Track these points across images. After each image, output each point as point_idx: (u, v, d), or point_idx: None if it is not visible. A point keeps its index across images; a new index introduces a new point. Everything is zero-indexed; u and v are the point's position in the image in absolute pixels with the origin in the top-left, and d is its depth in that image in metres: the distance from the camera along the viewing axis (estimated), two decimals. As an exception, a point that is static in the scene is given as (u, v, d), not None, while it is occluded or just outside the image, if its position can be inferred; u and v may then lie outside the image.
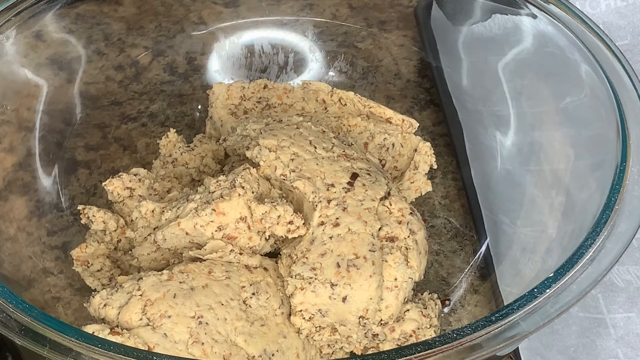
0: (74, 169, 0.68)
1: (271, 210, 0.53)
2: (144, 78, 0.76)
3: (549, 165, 0.62)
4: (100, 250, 0.59)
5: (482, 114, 0.70)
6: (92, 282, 0.59)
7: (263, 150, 0.56)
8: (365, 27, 0.79)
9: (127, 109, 0.74)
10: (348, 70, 0.77)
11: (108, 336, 0.46)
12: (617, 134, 0.53)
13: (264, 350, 0.49)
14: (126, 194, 0.60)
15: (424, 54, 0.78)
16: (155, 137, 0.71)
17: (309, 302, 0.51)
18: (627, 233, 0.47)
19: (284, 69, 0.77)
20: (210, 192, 0.54)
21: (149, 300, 0.48)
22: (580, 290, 0.45)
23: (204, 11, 0.80)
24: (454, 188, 0.69)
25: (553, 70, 0.64)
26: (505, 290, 0.57)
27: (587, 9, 0.75)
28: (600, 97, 0.56)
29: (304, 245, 0.53)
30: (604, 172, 0.52)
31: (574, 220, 0.54)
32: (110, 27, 0.76)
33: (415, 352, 0.41)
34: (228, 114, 0.70)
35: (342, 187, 0.55)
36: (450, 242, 0.65)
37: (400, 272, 0.52)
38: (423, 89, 0.77)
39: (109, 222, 0.59)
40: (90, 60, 0.73)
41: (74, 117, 0.70)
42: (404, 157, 0.67)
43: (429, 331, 0.54)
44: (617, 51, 0.58)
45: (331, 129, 0.65)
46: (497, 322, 0.43)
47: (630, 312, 0.59)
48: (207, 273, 0.51)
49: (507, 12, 0.67)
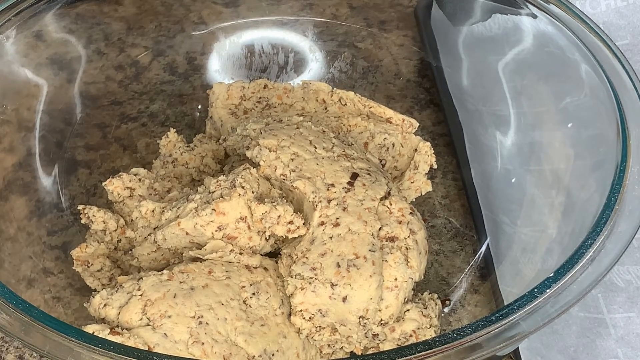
0: (74, 168, 0.68)
1: (271, 210, 0.53)
2: (144, 78, 0.76)
3: (549, 165, 0.62)
4: (101, 250, 0.59)
5: (482, 113, 0.70)
6: (92, 282, 0.59)
7: (263, 150, 0.56)
8: (365, 27, 0.79)
9: (127, 109, 0.74)
10: (348, 70, 0.77)
11: (108, 336, 0.46)
12: (617, 133, 0.53)
13: (264, 350, 0.49)
14: (126, 194, 0.60)
15: (424, 53, 0.78)
16: (156, 137, 0.71)
17: (309, 302, 0.51)
18: (627, 233, 0.47)
19: (284, 69, 0.77)
20: (211, 192, 0.54)
21: (149, 300, 0.48)
22: (580, 290, 0.45)
23: (204, 11, 0.80)
24: (454, 188, 0.69)
25: (553, 70, 0.64)
26: (505, 290, 0.57)
27: (587, 8, 0.75)
28: (600, 97, 0.56)
29: (304, 245, 0.53)
30: (604, 172, 0.52)
31: (574, 220, 0.54)
32: (110, 27, 0.76)
33: (415, 352, 0.41)
34: (228, 113, 0.70)
35: (342, 187, 0.55)
36: (450, 242, 0.65)
37: (401, 272, 0.52)
38: (423, 89, 0.77)
39: (109, 222, 0.59)
40: (90, 60, 0.73)
41: (74, 117, 0.70)
42: (404, 157, 0.67)
43: (429, 331, 0.54)
44: (617, 51, 0.58)
45: (331, 128, 0.65)
46: (497, 322, 0.43)
47: (631, 312, 0.59)
48: (207, 273, 0.51)
49: (507, 12, 0.67)
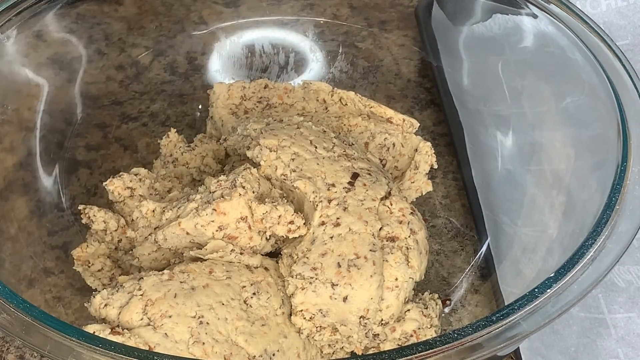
0: (74, 168, 0.68)
1: (272, 210, 0.53)
2: (145, 78, 0.76)
3: (550, 165, 0.62)
4: (101, 250, 0.59)
5: (482, 113, 0.70)
6: (93, 282, 0.59)
7: (264, 150, 0.56)
8: (365, 27, 0.79)
9: (127, 109, 0.74)
10: (349, 70, 0.78)
11: (109, 336, 0.46)
12: (618, 133, 0.53)
13: (264, 350, 0.49)
14: (127, 194, 0.60)
15: (424, 53, 0.78)
16: (156, 136, 0.71)
17: (309, 302, 0.51)
18: (628, 233, 0.47)
19: (285, 69, 0.77)
20: (211, 192, 0.54)
21: (149, 300, 0.48)
22: (581, 290, 0.45)
23: (205, 11, 0.80)
24: (454, 188, 0.69)
25: (554, 70, 0.64)
26: (506, 290, 0.57)
27: (588, 8, 0.75)
28: (601, 96, 0.56)
29: (305, 245, 0.53)
30: (604, 172, 0.52)
31: (574, 220, 0.54)
32: (110, 27, 0.76)
33: (416, 352, 0.41)
34: (229, 113, 0.70)
35: (343, 186, 0.55)
36: (450, 242, 0.65)
37: (401, 272, 0.52)
38: (424, 89, 0.77)
39: (110, 221, 0.59)
40: (90, 60, 0.73)
41: (75, 117, 0.70)
42: (404, 157, 0.67)
43: (429, 331, 0.54)
44: (618, 51, 0.58)
45: (332, 128, 0.65)
46: (497, 322, 0.43)
47: (631, 312, 0.59)
48: (207, 273, 0.51)
49: (507, 12, 0.67)
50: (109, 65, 0.75)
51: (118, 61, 0.76)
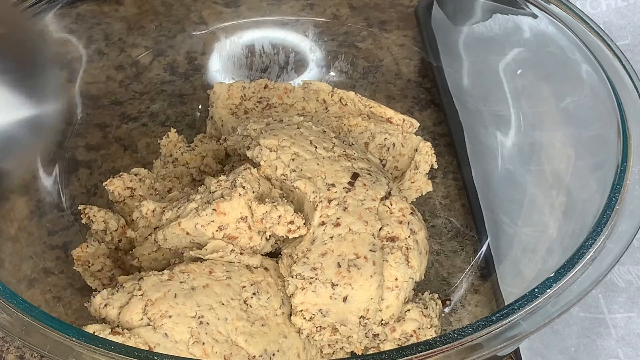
0: (74, 168, 0.68)
1: (272, 210, 0.53)
2: (145, 78, 0.76)
3: (550, 165, 0.62)
4: (101, 250, 0.59)
5: (482, 113, 0.70)
6: (93, 282, 0.59)
7: (264, 150, 0.56)
8: (365, 27, 0.79)
9: (127, 109, 0.74)
10: (349, 70, 0.78)
11: (109, 336, 0.46)
12: (618, 133, 0.53)
13: (264, 350, 0.49)
14: (127, 194, 0.61)
15: (424, 53, 0.78)
16: (156, 136, 0.71)
17: (309, 302, 0.51)
18: (628, 233, 0.47)
19: (285, 69, 0.77)
20: (211, 192, 0.54)
21: (149, 300, 0.48)
22: (581, 290, 0.45)
23: (205, 11, 0.80)
24: (454, 188, 0.69)
25: (554, 70, 0.64)
26: (506, 290, 0.57)
27: (588, 8, 0.75)
28: (601, 97, 0.56)
29: (305, 245, 0.53)
30: (604, 172, 0.51)
31: (574, 220, 0.54)
32: (110, 27, 0.76)
33: (416, 352, 0.41)
34: (229, 113, 0.70)
35: (343, 187, 0.55)
36: (450, 242, 0.65)
37: (401, 272, 0.52)
38: (424, 89, 0.77)
39: (110, 221, 0.59)
40: (90, 60, 0.73)
41: (75, 117, 0.70)
42: (404, 157, 0.67)
43: (429, 331, 0.54)
44: (618, 51, 0.58)
45: (332, 128, 0.65)
46: (497, 322, 0.43)
47: (631, 312, 0.59)
48: (207, 273, 0.51)
49: (507, 12, 0.67)
50: (109, 65, 0.75)
51: (118, 61, 0.76)
